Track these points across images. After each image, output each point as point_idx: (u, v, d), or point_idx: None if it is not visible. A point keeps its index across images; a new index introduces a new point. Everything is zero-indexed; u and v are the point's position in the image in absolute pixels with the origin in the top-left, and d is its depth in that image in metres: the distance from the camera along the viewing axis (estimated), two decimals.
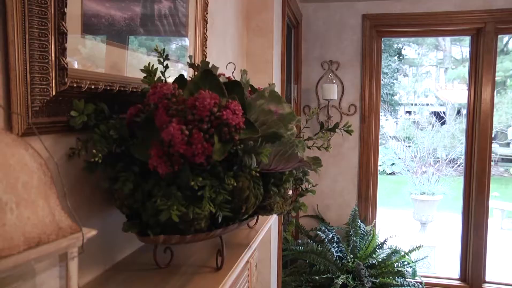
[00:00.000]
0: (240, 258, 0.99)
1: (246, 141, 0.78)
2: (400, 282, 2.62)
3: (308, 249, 2.71)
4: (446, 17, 3.01)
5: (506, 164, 14.10)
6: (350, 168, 3.14)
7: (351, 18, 3.08)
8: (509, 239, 8.29)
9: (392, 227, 7.36)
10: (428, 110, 11.88)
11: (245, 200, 0.82)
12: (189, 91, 0.85)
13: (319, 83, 3.10)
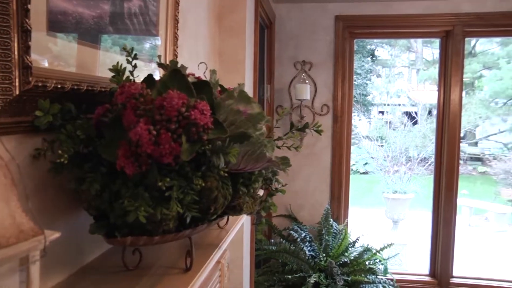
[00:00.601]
0: (210, 259, 0.98)
1: (215, 141, 0.78)
2: (372, 280, 2.66)
3: (281, 248, 2.72)
4: (417, 19, 3.08)
5: (474, 162, 14.47)
6: (322, 168, 3.17)
7: (324, 19, 3.11)
8: (476, 235, 8.53)
9: (364, 225, 7.47)
10: (401, 110, 12.09)
11: (214, 201, 0.82)
12: (157, 91, 0.84)
13: (292, 83, 3.11)
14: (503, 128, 14.67)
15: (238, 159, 0.81)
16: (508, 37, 11.33)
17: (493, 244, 8.03)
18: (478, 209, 9.43)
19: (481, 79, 14.31)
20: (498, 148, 14.43)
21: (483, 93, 14.01)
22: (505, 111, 13.85)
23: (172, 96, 0.77)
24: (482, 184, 12.49)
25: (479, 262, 6.78)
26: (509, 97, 13.47)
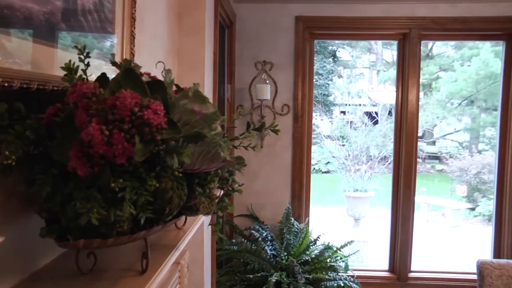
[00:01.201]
0: (167, 260, 0.97)
1: (169, 141, 0.77)
2: (333, 277, 2.70)
3: (242, 248, 2.72)
4: (375, 22, 3.15)
5: (432, 161, 14.93)
6: (283, 167, 3.20)
7: (285, 19, 3.13)
8: (434, 230, 8.81)
9: (326, 224, 7.58)
10: (362, 110, 12.32)
11: (169, 201, 0.81)
12: (110, 90, 0.82)
13: (253, 83, 3.12)
14: (458, 128, 15.19)
15: (193, 159, 0.81)
16: (461, 41, 11.77)
17: (448, 239, 8.32)
18: (436, 205, 9.74)
19: (438, 80, 14.76)
20: (454, 147, 14.93)
21: (439, 94, 14.46)
22: (460, 111, 14.35)
23: (125, 95, 0.76)
24: (439, 182, 12.87)
25: (436, 256, 7.01)
26: (463, 98, 13.96)
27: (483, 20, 3.13)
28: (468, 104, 14.20)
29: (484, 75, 12.46)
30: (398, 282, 3.31)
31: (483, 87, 12.73)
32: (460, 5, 3.12)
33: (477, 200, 9.87)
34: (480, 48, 12.94)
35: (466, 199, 10.20)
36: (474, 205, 9.85)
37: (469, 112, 14.22)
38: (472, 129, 14.47)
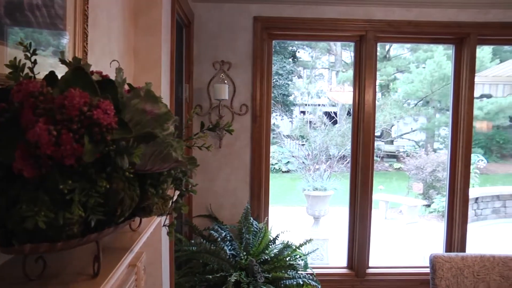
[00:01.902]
0: (120, 263, 0.95)
1: (119, 142, 0.76)
2: (292, 275, 2.72)
3: (202, 248, 2.71)
4: (333, 23, 3.20)
5: (390, 159, 15.33)
6: (242, 167, 3.20)
7: (243, 19, 3.14)
8: (392, 227, 9.06)
9: (287, 223, 7.65)
10: (321, 110, 12.49)
11: (120, 202, 0.80)
12: (59, 89, 0.80)
13: (211, 83, 3.11)
14: (415, 127, 15.67)
15: (144, 159, 0.80)
16: (416, 44, 12.13)
17: (405, 235, 8.56)
18: (394, 203, 10.00)
19: (395, 81, 15.17)
20: (411, 146, 15.39)
21: (397, 95, 14.87)
22: (416, 111, 14.80)
23: (73, 94, 0.74)
24: (397, 180, 13.22)
25: (394, 252, 7.21)
26: (419, 98, 14.41)
27: (434, 24, 3.24)
28: (424, 105, 14.67)
29: (438, 77, 12.90)
30: (357, 278, 3.38)
31: (437, 88, 13.17)
32: (415, 10, 3.22)
33: (432, 197, 10.20)
34: (434, 51, 13.40)
35: (422, 196, 10.52)
36: (430, 202, 10.18)
37: (425, 112, 14.70)
38: (428, 128, 14.96)
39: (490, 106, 13.42)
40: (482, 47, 12.24)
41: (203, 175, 3.18)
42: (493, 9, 3.24)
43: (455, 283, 2.49)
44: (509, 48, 12.84)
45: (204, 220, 3.19)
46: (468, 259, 2.53)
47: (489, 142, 16.32)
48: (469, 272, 2.51)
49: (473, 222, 8.81)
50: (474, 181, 10.58)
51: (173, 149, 0.80)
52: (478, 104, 13.46)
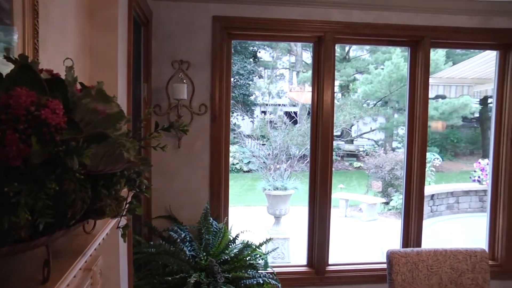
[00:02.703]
0: (72, 267, 0.92)
1: (69, 142, 0.73)
2: (252, 274, 2.72)
3: (161, 250, 2.67)
4: (292, 24, 3.22)
5: (350, 159, 15.64)
6: (202, 167, 3.18)
7: (202, 19, 3.11)
8: (352, 225, 9.25)
9: (248, 222, 7.67)
10: (282, 110, 12.59)
11: (71, 205, 0.77)
12: (4, 88, 0.77)
13: (170, 83, 3.07)
14: (374, 127, 16.04)
15: (96, 160, 0.78)
16: (375, 46, 12.44)
17: (365, 232, 8.76)
18: (353, 201, 10.21)
19: (355, 82, 15.48)
20: (370, 145, 15.74)
21: (356, 95, 15.17)
22: (375, 111, 15.15)
23: (19, 93, 0.71)
24: (357, 178, 13.48)
25: (354, 249, 7.36)
26: (378, 99, 14.76)
27: (391, 27, 3.32)
28: (383, 105, 15.04)
29: (396, 78, 13.26)
30: (316, 276, 3.42)
31: (396, 89, 13.53)
32: (372, 13, 3.28)
33: (391, 195, 10.47)
34: (392, 53, 13.76)
35: (381, 194, 10.78)
36: (388, 200, 10.44)
37: (384, 112, 15.07)
38: (387, 128, 15.35)
39: (445, 107, 13.90)
40: (436, 50, 12.67)
41: (162, 175, 3.14)
42: (444, 14, 3.36)
43: (411, 277, 2.56)
44: (461, 52, 13.34)
45: (164, 221, 3.15)
46: (422, 254, 2.61)
47: (444, 141, 16.91)
48: (423, 266, 2.59)
49: (429, 218, 9.11)
50: (430, 179, 10.93)
51: (126, 150, 0.78)
52: (434, 104, 13.93)
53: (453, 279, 2.60)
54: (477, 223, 7.15)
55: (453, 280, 2.60)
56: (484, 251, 2.67)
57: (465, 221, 8.98)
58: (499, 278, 3.60)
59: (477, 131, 17.80)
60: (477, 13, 3.39)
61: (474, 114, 16.39)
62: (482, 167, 9.36)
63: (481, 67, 6.80)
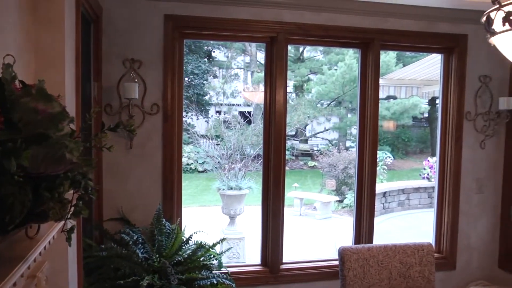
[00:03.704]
0: (11, 274, 0.88)
1: (6, 143, 0.70)
2: (206, 275, 2.70)
3: (113, 253, 2.60)
4: (244, 24, 3.22)
5: (305, 158, 15.86)
6: (154, 167, 3.12)
7: (154, 17, 3.06)
8: (306, 223, 9.38)
9: (203, 223, 7.63)
10: (236, 110, 12.59)
11: (10, 209, 0.74)
12: None
13: (121, 82, 2.99)
14: (328, 127, 16.34)
15: (36, 161, 0.74)
16: (326, 47, 12.67)
17: (319, 230, 8.91)
18: (308, 199, 10.35)
19: (309, 82, 15.71)
20: (324, 144, 16.02)
21: (310, 95, 15.40)
22: (329, 111, 15.44)
23: None
24: (311, 177, 13.68)
25: (309, 247, 7.47)
26: (332, 99, 15.04)
27: (342, 29, 3.39)
28: (336, 105, 15.35)
29: (349, 79, 13.57)
30: (271, 274, 3.44)
31: (349, 90, 13.84)
32: (323, 14, 3.33)
33: (344, 193, 10.70)
34: (345, 54, 14.07)
35: (335, 192, 10.99)
36: (342, 198, 10.67)
37: (337, 112, 15.38)
38: (340, 128, 15.68)
39: (396, 107, 14.36)
40: (387, 52, 13.06)
41: (114, 176, 3.07)
42: (392, 18, 3.47)
43: (362, 273, 2.63)
44: (411, 54, 13.82)
45: (116, 223, 3.07)
46: (373, 250, 2.69)
47: (395, 140, 17.48)
48: (374, 262, 2.66)
49: (382, 215, 9.39)
50: (383, 177, 11.26)
51: (68, 151, 0.75)
52: (385, 104, 14.36)
53: (402, 273, 2.69)
54: (426, 219, 7.42)
55: (402, 274, 2.69)
56: (430, 245, 2.78)
57: (416, 217, 9.33)
58: (444, 269, 3.78)
59: (426, 130, 18.53)
60: (423, 18, 3.52)
61: (424, 114, 17.07)
62: (430, 165, 9.75)
63: (428, 69, 7.07)
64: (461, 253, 3.84)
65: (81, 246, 2.23)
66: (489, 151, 3.83)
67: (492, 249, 3.92)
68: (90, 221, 2.93)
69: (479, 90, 3.75)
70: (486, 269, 3.92)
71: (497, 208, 3.90)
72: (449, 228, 3.79)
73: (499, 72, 3.77)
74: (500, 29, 1.20)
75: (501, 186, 3.88)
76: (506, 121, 3.78)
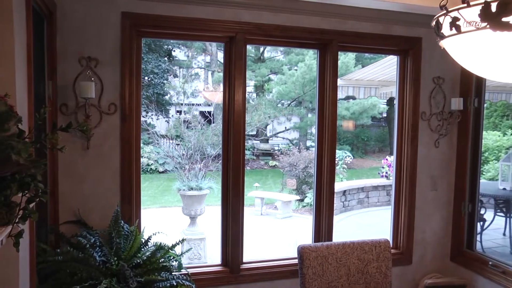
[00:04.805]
0: None
1: None
2: (166, 277, 2.66)
3: (69, 257, 2.52)
4: (203, 23, 3.19)
5: (266, 158, 15.96)
6: (112, 168, 3.05)
7: (111, 14, 2.99)
8: (268, 222, 9.44)
9: (163, 224, 7.56)
10: (197, 109, 12.52)
11: None
12: None
13: (77, 80, 2.91)
14: (288, 126, 16.50)
15: None
16: (287, 47, 12.79)
17: (280, 229, 8.98)
18: (269, 199, 10.42)
19: (269, 82, 15.82)
20: (285, 144, 16.17)
21: (271, 95, 15.50)
22: (289, 111, 15.60)
23: None
24: (272, 177, 13.78)
25: (270, 246, 7.52)
26: (292, 99, 15.19)
27: (300, 30, 3.42)
28: (297, 105, 15.52)
29: (309, 79, 13.76)
30: (231, 274, 3.43)
31: (309, 90, 14.02)
32: (282, 15, 3.35)
33: (305, 192, 10.83)
34: (306, 55, 14.25)
35: (295, 191, 11.11)
36: (303, 197, 10.79)
37: (298, 112, 15.56)
38: (301, 127, 15.87)
39: (355, 107, 14.68)
40: (346, 53, 13.32)
41: (70, 178, 2.98)
42: (350, 20, 3.53)
43: (321, 270, 2.66)
44: (370, 55, 14.16)
45: (73, 226, 2.98)
46: (332, 247, 2.73)
47: (355, 139, 17.87)
48: (333, 259, 2.70)
49: (342, 213, 9.57)
50: (343, 176, 11.48)
51: (15, 152, 0.72)
52: (345, 104, 14.65)
53: (360, 269, 2.75)
54: (385, 216, 7.62)
55: (360, 270, 2.75)
56: (387, 241, 2.86)
57: (375, 214, 9.56)
58: (401, 264, 3.91)
59: (385, 130, 19.05)
60: (379, 21, 3.60)
61: (382, 114, 17.53)
62: (389, 163, 10.01)
63: (386, 70, 7.25)
64: (417, 248, 3.97)
65: (34, 251, 2.15)
66: (443, 150, 3.97)
67: (444, 243, 4.07)
68: (45, 224, 2.84)
69: (433, 91, 3.88)
70: (439, 262, 4.07)
71: (450, 204, 4.05)
72: (405, 224, 3.91)
73: (451, 73, 3.91)
74: (448, 33, 1.25)
75: (453, 183, 4.03)
76: (458, 120, 3.92)
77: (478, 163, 3.96)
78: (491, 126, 12.04)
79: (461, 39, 1.25)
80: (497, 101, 10.13)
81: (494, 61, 1.27)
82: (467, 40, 1.23)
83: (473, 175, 3.95)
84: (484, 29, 1.12)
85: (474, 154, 3.93)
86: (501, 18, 1.03)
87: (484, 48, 1.22)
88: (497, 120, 12.35)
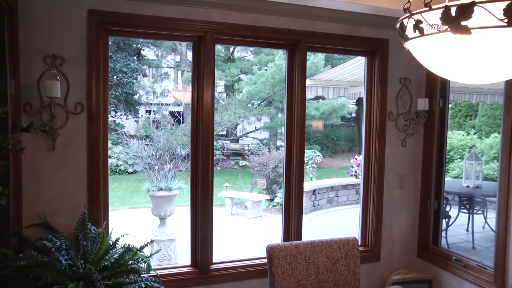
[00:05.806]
0: None
1: None
2: (134, 279, 2.63)
3: (33, 262, 2.44)
4: (172, 22, 3.16)
5: (236, 157, 15.97)
6: (79, 169, 2.99)
7: (77, 11, 2.92)
8: (238, 222, 9.46)
9: (132, 226, 7.47)
10: (167, 109, 12.42)
11: None
12: None
13: (42, 79, 2.83)
14: (258, 126, 16.55)
15: None
16: (257, 47, 12.83)
17: (251, 229, 9.01)
18: (239, 199, 10.44)
19: (239, 82, 15.83)
20: (255, 144, 16.22)
21: (241, 95, 15.52)
22: (259, 111, 15.65)
23: None
24: (242, 177, 13.80)
25: (240, 246, 7.53)
26: (262, 99, 15.24)
27: (269, 30, 3.43)
28: (267, 105, 15.58)
29: (279, 79, 13.84)
30: (201, 275, 3.41)
31: (279, 90, 14.10)
32: (250, 15, 3.35)
33: (275, 192, 10.90)
34: (275, 55, 14.33)
35: (265, 191, 11.16)
36: (273, 196, 10.86)
37: (268, 112, 15.63)
38: (271, 127, 15.95)
39: (325, 107, 14.85)
40: (316, 54, 13.46)
41: (35, 180, 2.90)
42: (318, 21, 3.57)
43: (290, 269, 2.68)
44: (339, 56, 14.36)
45: (37, 229, 2.90)
46: (301, 246, 2.75)
47: (324, 139, 18.09)
48: (301, 258, 2.73)
49: (312, 212, 9.68)
50: (312, 175, 11.59)
51: None
52: (315, 105, 14.80)
53: (328, 267, 2.78)
54: (354, 214, 7.74)
55: (329, 268, 2.78)
56: (355, 239, 2.90)
57: (344, 213, 9.71)
58: (369, 261, 3.99)
59: (354, 129, 19.36)
60: (347, 22, 3.66)
61: (352, 114, 17.82)
62: (358, 162, 10.18)
63: (354, 71, 7.36)
64: (385, 245, 4.05)
65: None
66: (410, 149, 4.07)
67: (411, 240, 4.17)
68: (7, 228, 2.75)
69: (400, 92, 3.96)
70: (406, 258, 4.16)
71: (417, 201, 4.15)
72: (373, 222, 3.98)
73: (417, 75, 4.01)
74: (412, 35, 1.28)
75: (420, 181, 4.13)
76: (424, 120, 4.02)
77: (444, 162, 4.07)
78: (455, 126, 12.41)
79: (424, 41, 1.28)
80: (461, 102, 10.47)
81: (454, 62, 1.31)
82: (430, 42, 1.27)
83: (438, 174, 4.06)
84: (445, 32, 1.16)
85: (440, 153, 4.04)
86: (460, 21, 1.07)
87: (445, 50, 1.26)
88: (461, 120, 12.74)
